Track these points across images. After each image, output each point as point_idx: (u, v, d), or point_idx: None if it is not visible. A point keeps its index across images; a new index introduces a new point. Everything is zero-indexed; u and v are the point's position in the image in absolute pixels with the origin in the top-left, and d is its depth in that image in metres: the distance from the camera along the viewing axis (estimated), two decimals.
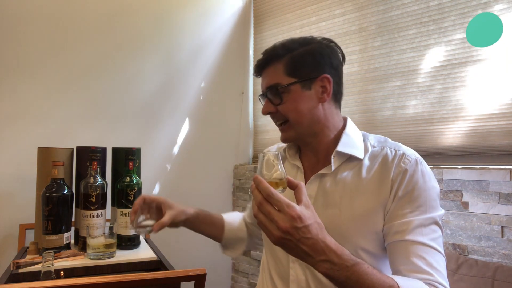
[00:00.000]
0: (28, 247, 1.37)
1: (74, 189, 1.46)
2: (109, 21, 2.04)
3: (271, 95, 0.94)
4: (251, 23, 2.59)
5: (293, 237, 0.66)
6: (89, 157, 1.39)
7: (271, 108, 0.95)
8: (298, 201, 0.69)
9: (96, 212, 1.36)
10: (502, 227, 1.52)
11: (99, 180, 1.39)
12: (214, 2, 2.45)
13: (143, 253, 1.39)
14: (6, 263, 1.44)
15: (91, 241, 1.30)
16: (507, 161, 1.56)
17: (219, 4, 2.47)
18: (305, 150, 1.02)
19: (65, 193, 1.33)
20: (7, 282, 1.11)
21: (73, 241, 1.46)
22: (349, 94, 2.02)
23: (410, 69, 1.82)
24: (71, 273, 1.21)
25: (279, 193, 0.68)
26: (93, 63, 1.99)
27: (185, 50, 2.31)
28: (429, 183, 0.87)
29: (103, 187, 1.39)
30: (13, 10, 1.79)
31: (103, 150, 1.51)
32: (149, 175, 2.13)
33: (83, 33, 1.96)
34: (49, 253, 1.04)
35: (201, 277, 0.96)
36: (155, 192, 2.20)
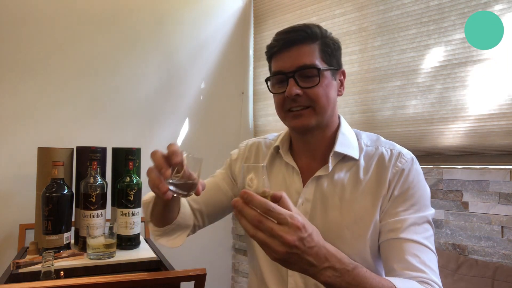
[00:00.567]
0: (28, 247, 1.37)
1: (74, 189, 1.46)
2: (109, 21, 2.04)
3: (305, 75, 0.86)
4: (251, 23, 2.59)
5: (299, 249, 0.61)
6: (89, 157, 1.39)
7: (297, 89, 0.86)
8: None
9: (96, 212, 1.36)
10: (502, 227, 1.52)
11: (99, 180, 1.39)
12: (214, 2, 2.45)
13: (143, 253, 1.39)
14: (6, 263, 1.44)
15: (91, 241, 1.30)
16: (507, 161, 1.56)
17: (219, 4, 2.47)
18: (299, 147, 0.97)
19: (65, 193, 1.33)
20: (7, 282, 1.11)
21: (73, 241, 1.46)
22: (349, 94, 2.02)
23: (410, 69, 1.82)
24: (71, 273, 1.21)
25: (277, 205, 0.62)
26: (93, 63, 1.99)
27: (185, 50, 2.31)
28: (423, 182, 0.88)
29: (103, 187, 1.39)
30: (13, 10, 1.79)
31: (103, 150, 1.51)
32: None
33: (83, 33, 1.96)
34: (49, 253, 1.04)
35: (201, 277, 0.96)
36: None
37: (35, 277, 1.16)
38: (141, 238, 1.54)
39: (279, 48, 0.89)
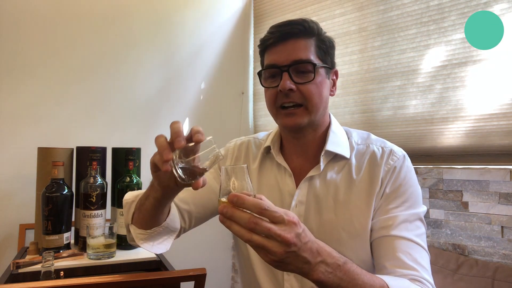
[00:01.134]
0: (28, 247, 1.37)
1: (74, 189, 1.46)
2: (109, 21, 2.04)
3: (300, 70, 0.84)
4: (251, 23, 2.59)
5: (296, 247, 0.59)
6: (89, 157, 1.39)
7: (291, 84, 0.83)
8: None
9: (96, 212, 1.36)
10: (502, 227, 1.52)
11: (99, 180, 1.39)
12: (214, 2, 2.44)
13: (143, 253, 1.39)
14: (6, 263, 1.44)
15: (91, 241, 1.30)
16: (507, 161, 1.56)
17: (219, 4, 2.47)
18: (290, 147, 0.94)
19: (65, 193, 1.33)
20: (7, 282, 1.11)
21: (73, 241, 1.46)
22: (349, 94, 2.02)
23: (410, 69, 1.82)
24: (71, 273, 1.21)
25: (271, 203, 0.60)
26: (93, 63, 1.99)
27: (185, 50, 2.31)
28: (414, 178, 0.87)
29: (103, 187, 1.39)
30: (13, 10, 1.79)
31: (103, 150, 1.51)
32: (149, 175, 2.11)
33: (83, 33, 1.96)
34: (49, 253, 1.04)
35: (201, 277, 0.96)
36: None
37: (35, 277, 1.16)
38: None
39: (274, 40, 0.85)
